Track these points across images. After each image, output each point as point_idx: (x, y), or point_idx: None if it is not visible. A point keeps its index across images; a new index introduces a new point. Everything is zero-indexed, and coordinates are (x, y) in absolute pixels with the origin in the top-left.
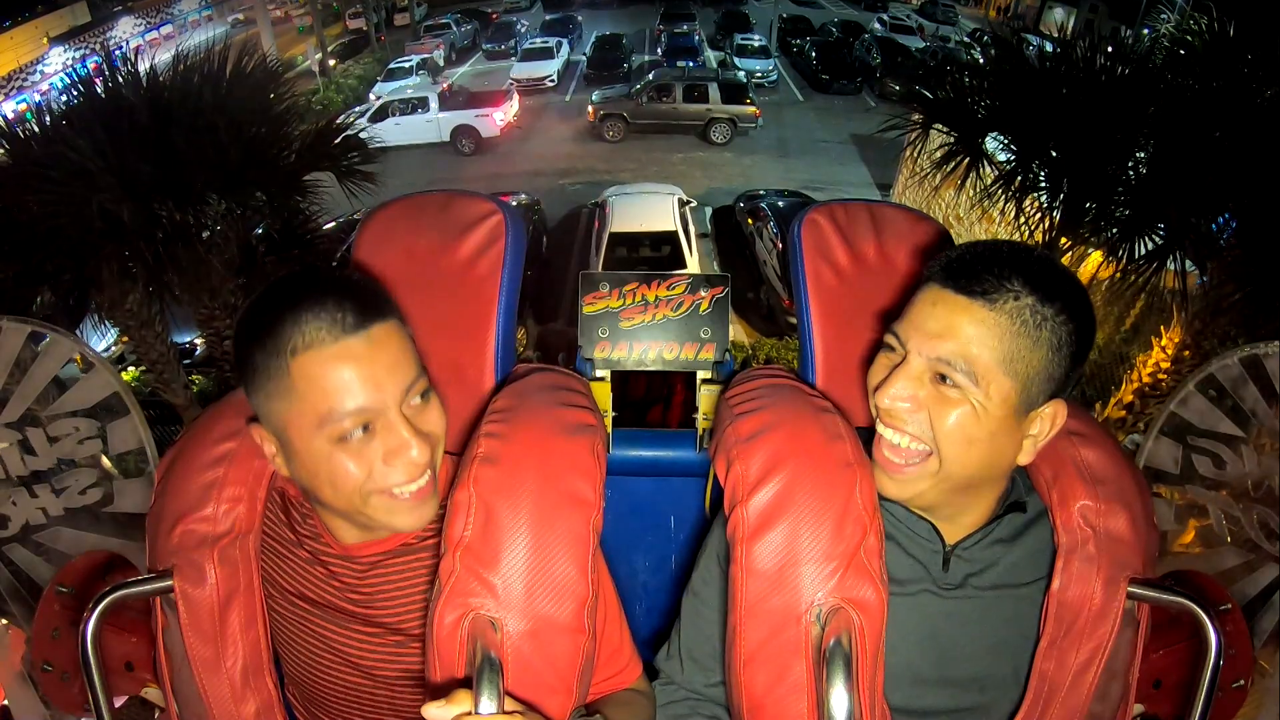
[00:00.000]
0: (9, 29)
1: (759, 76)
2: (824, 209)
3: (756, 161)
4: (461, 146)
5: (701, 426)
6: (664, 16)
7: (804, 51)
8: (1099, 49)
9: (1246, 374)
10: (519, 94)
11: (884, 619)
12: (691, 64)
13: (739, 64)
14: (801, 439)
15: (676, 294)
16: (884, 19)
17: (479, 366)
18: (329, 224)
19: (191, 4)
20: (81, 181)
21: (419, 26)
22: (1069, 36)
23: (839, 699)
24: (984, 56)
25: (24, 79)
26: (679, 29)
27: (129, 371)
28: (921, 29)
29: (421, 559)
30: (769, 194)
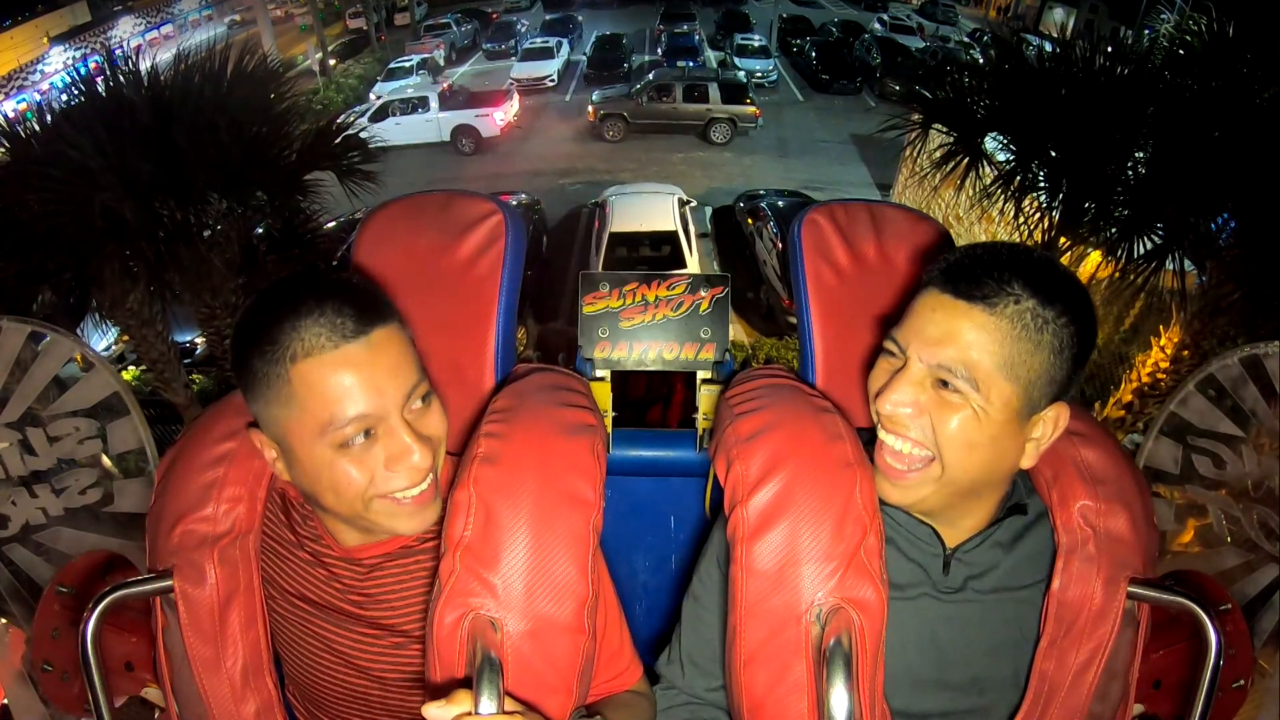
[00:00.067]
0: (9, 29)
1: (759, 76)
2: (824, 209)
3: (756, 161)
4: (462, 146)
5: (701, 426)
6: (664, 16)
7: (804, 51)
8: (1098, 49)
9: (1246, 374)
10: (519, 94)
11: (884, 619)
12: (691, 64)
13: (739, 64)
14: (801, 439)
15: (676, 294)
16: (884, 19)
17: (479, 366)
18: (329, 223)
19: (192, 3)
20: (83, 180)
21: (419, 26)
22: (1069, 37)
23: (839, 699)
24: (983, 57)
25: (24, 78)
26: (679, 29)
27: (129, 370)
28: (921, 29)
29: (422, 561)
30: (769, 194)
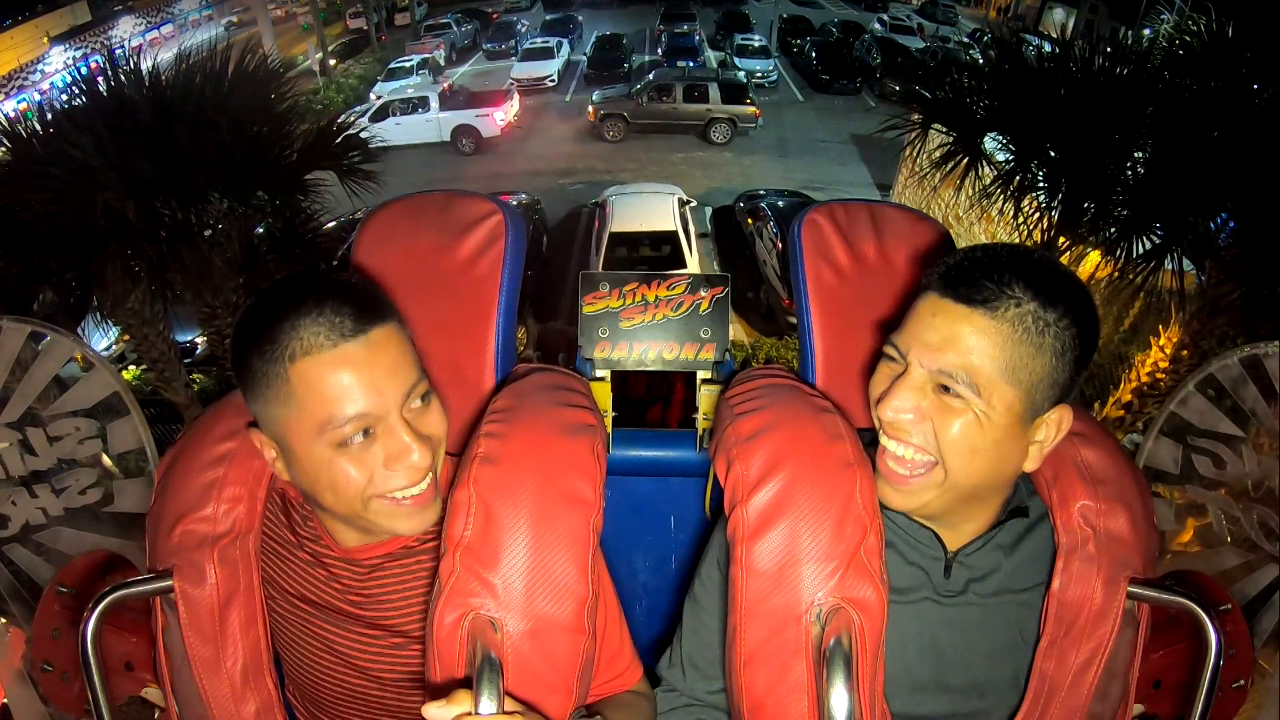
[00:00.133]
0: (9, 28)
1: (759, 76)
2: (824, 209)
3: (756, 161)
4: (462, 146)
5: (701, 426)
6: (664, 16)
7: (804, 51)
8: (1097, 49)
9: (1246, 374)
10: (519, 94)
11: (884, 619)
12: (692, 64)
13: (739, 64)
14: (801, 439)
15: (676, 294)
16: (884, 19)
17: (479, 366)
18: (330, 223)
19: (192, 3)
20: (84, 179)
21: (419, 26)
22: (1068, 37)
23: (839, 699)
24: (983, 57)
25: (24, 78)
26: (679, 29)
27: (130, 370)
28: (921, 29)
29: (422, 561)
30: (769, 194)
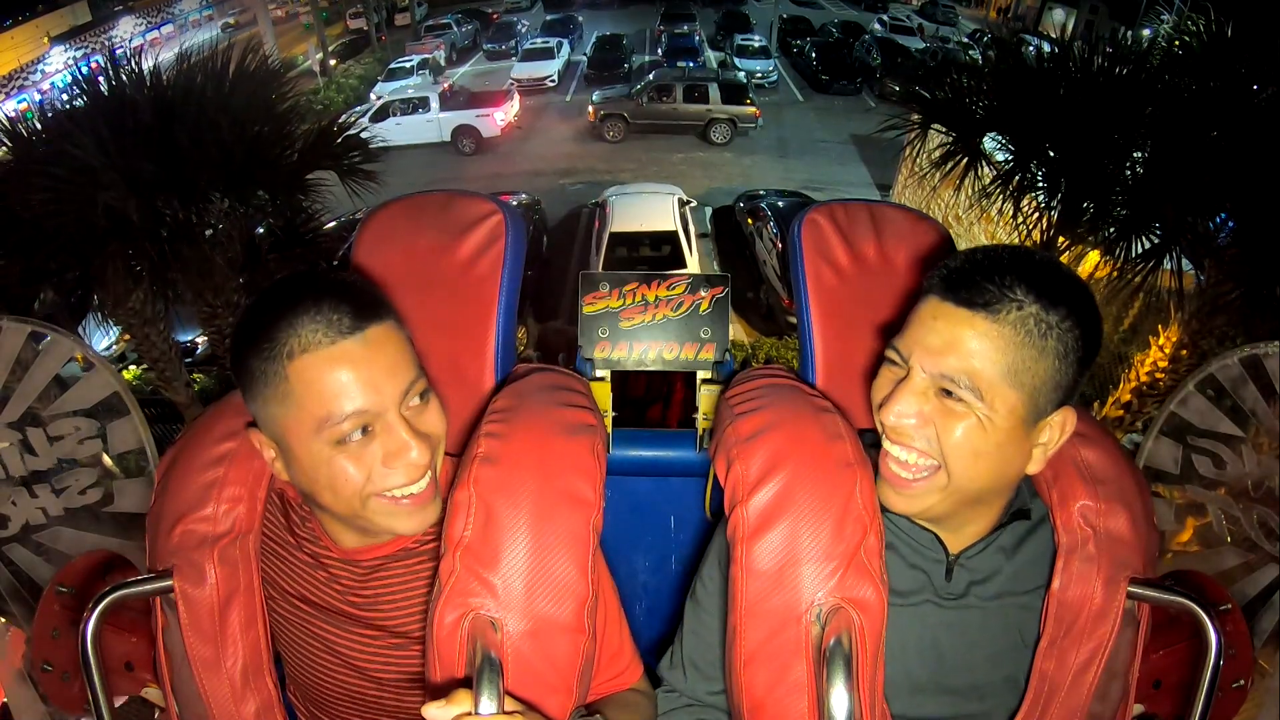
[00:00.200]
0: (9, 29)
1: (759, 77)
2: (824, 209)
3: (756, 161)
4: (462, 146)
5: (701, 426)
6: (664, 17)
7: (804, 52)
8: (1097, 49)
9: (1246, 374)
10: (519, 94)
11: (884, 618)
12: (692, 64)
13: (739, 64)
14: (801, 439)
15: (676, 294)
16: (884, 20)
17: (479, 366)
18: (330, 223)
19: (192, 4)
20: (86, 179)
21: (420, 26)
22: (1068, 38)
23: (839, 699)
24: (983, 57)
25: (24, 78)
26: (679, 29)
27: (130, 370)
28: (921, 30)
29: (422, 562)
30: (769, 194)
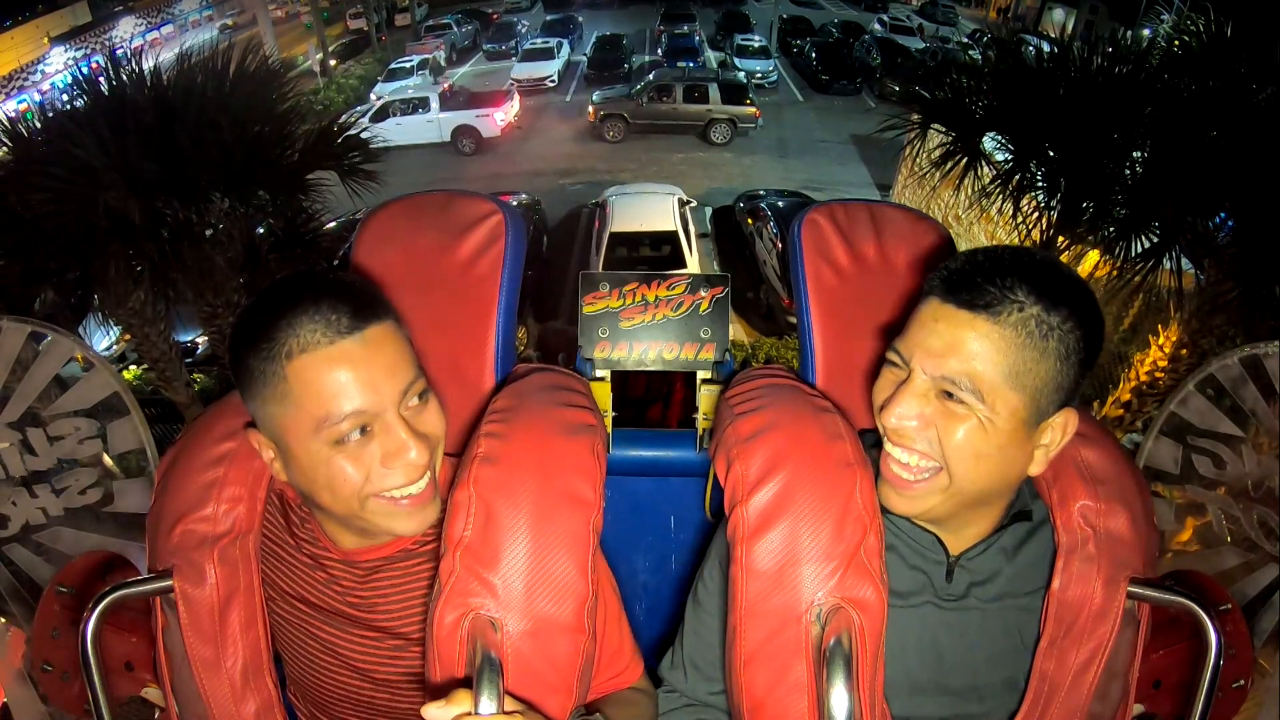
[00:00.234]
0: (9, 29)
1: (759, 77)
2: (824, 209)
3: (756, 162)
4: (462, 146)
5: (701, 426)
6: (664, 17)
7: (804, 52)
8: (1096, 49)
9: (1246, 374)
10: (519, 94)
11: (884, 618)
12: (692, 64)
13: (739, 64)
14: (801, 439)
15: (676, 294)
16: (884, 20)
17: (479, 366)
18: (331, 223)
19: (192, 4)
20: (87, 179)
21: (420, 27)
22: (1068, 37)
23: (839, 698)
24: (982, 57)
25: (25, 78)
26: (679, 29)
27: (130, 370)
28: (921, 30)
29: (421, 563)
30: (769, 194)
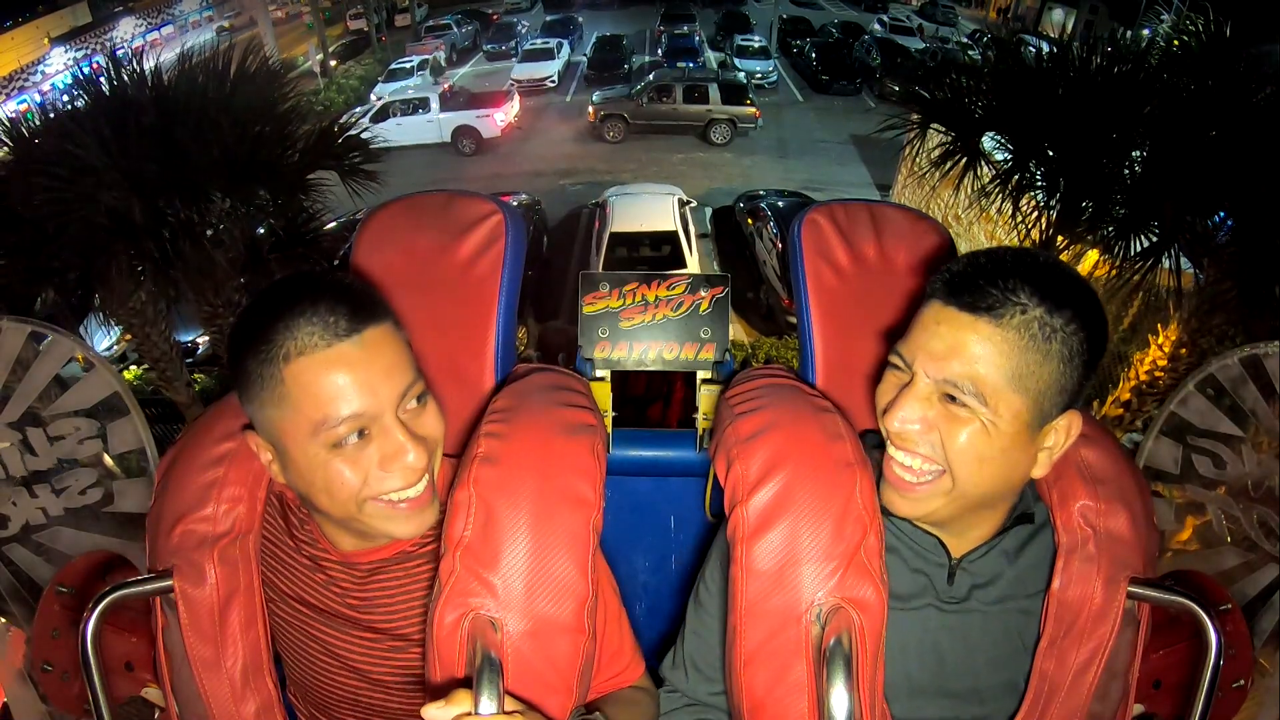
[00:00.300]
0: (10, 29)
1: (759, 77)
2: (824, 209)
3: (756, 162)
4: (462, 147)
5: (701, 426)
6: (664, 17)
7: (804, 52)
8: (1096, 49)
9: (1246, 374)
10: (519, 94)
11: (884, 618)
12: (692, 65)
13: (739, 65)
14: (801, 439)
15: (676, 294)
16: (884, 20)
17: (479, 366)
18: (331, 223)
19: (192, 4)
20: (88, 179)
21: (420, 27)
22: (1067, 38)
23: (839, 699)
24: (982, 57)
25: (25, 79)
26: (679, 30)
27: (131, 370)
28: (921, 30)
29: (420, 565)
30: (769, 194)
